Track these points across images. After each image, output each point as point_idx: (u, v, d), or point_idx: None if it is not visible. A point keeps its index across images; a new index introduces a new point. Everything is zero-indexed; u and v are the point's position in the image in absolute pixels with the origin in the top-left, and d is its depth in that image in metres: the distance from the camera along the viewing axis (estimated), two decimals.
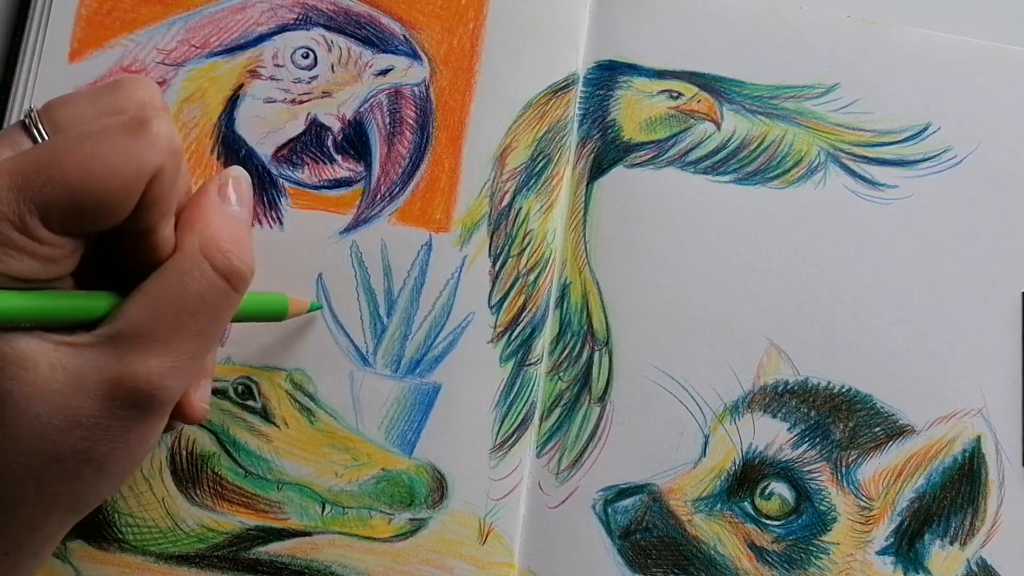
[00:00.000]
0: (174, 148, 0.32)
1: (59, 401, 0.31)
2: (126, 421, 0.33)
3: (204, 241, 0.35)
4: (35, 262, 0.31)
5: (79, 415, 0.32)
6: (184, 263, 0.34)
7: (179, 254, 0.34)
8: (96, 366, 0.32)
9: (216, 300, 0.34)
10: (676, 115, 0.47)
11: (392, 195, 0.46)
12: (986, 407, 0.45)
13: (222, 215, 0.36)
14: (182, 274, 0.34)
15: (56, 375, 0.31)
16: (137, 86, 0.35)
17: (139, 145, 0.31)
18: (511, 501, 0.44)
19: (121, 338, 0.32)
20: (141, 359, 0.32)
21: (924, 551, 0.44)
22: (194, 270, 0.34)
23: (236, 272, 0.35)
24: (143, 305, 0.33)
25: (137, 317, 0.33)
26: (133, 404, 0.33)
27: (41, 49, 0.46)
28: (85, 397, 0.32)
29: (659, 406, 0.45)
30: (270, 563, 0.43)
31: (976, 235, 0.47)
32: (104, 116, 0.34)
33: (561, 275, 0.46)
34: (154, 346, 0.33)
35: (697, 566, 0.44)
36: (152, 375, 0.32)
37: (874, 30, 0.49)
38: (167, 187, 0.33)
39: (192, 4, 0.47)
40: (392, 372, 0.45)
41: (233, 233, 0.36)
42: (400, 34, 0.48)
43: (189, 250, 0.34)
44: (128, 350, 0.32)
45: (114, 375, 0.32)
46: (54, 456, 0.32)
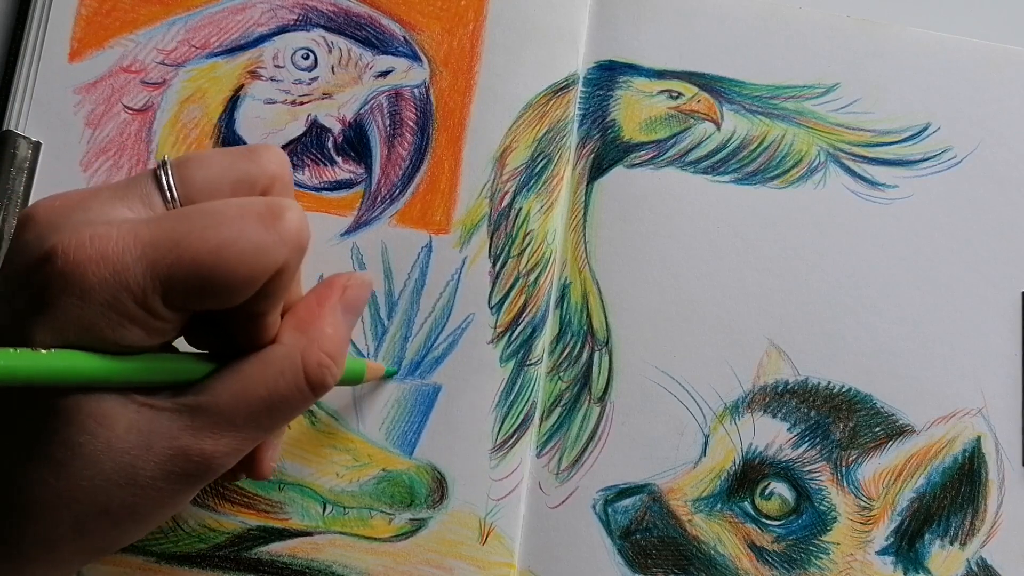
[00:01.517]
0: (301, 244, 0.32)
1: (125, 459, 0.32)
2: (178, 486, 0.33)
3: (307, 348, 0.35)
4: (144, 334, 0.31)
5: (139, 475, 0.32)
6: (283, 362, 0.34)
7: (281, 349, 0.34)
8: (169, 433, 0.33)
9: (297, 404, 0.35)
10: (676, 115, 0.47)
11: (392, 197, 0.46)
12: (986, 407, 0.45)
13: (334, 324, 0.36)
14: (277, 373, 0.34)
15: (129, 436, 0.32)
16: (271, 158, 0.35)
17: (271, 238, 0.31)
18: (511, 501, 0.44)
19: (200, 412, 0.33)
20: (212, 438, 0.33)
21: (924, 551, 0.44)
22: (288, 372, 0.34)
23: (324, 387, 0.35)
24: (230, 388, 0.33)
25: (221, 398, 0.33)
26: (190, 474, 0.33)
27: (41, 49, 0.46)
28: (150, 459, 0.32)
29: (659, 406, 0.45)
30: (271, 563, 0.43)
31: (976, 235, 0.47)
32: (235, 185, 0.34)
33: (561, 275, 0.46)
34: (228, 429, 0.33)
35: (697, 566, 0.44)
36: (217, 454, 0.33)
37: (874, 30, 0.49)
38: (287, 280, 0.33)
39: (192, 4, 0.47)
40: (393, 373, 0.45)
41: (338, 345, 0.36)
42: (400, 35, 0.48)
43: (291, 350, 0.34)
44: (204, 426, 0.33)
45: (183, 445, 0.33)
46: (104, 508, 0.32)
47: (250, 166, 0.34)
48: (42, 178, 0.45)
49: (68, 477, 0.32)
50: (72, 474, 0.32)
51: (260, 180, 0.34)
